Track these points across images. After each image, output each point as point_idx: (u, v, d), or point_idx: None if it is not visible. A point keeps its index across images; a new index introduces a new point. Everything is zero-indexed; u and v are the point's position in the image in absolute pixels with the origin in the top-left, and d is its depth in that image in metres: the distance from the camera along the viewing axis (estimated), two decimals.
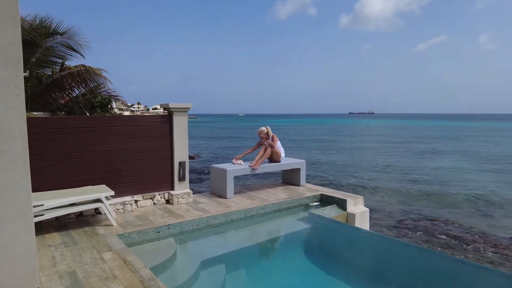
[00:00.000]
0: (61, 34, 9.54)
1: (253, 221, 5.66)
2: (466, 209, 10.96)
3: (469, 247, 7.77)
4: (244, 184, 10.32)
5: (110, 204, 4.83)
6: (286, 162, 7.12)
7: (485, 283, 3.76)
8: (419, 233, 8.63)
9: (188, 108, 6.04)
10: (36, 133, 4.83)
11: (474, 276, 3.86)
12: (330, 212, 6.21)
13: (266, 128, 7.09)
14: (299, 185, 7.37)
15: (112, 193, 4.79)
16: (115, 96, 10.93)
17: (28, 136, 4.91)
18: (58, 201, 4.37)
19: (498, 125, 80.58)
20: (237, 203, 6.01)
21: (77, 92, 10.15)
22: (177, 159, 6.02)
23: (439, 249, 7.55)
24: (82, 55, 10.14)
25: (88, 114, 10.63)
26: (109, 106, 10.96)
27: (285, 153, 7.21)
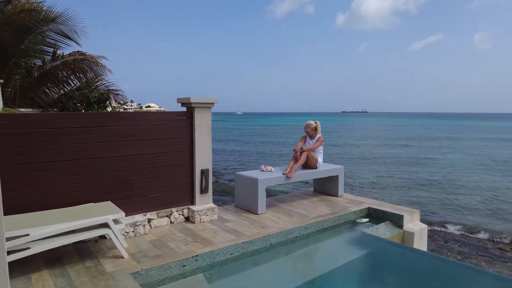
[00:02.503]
0: (54, 19, 8.30)
1: (296, 246, 4.52)
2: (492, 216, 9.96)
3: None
4: (270, 193, 9.18)
5: (119, 229, 3.65)
6: (323, 168, 5.99)
7: None
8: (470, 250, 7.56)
9: (213, 103, 4.88)
10: (21, 134, 3.64)
11: None
12: (385, 231, 5.10)
13: (316, 123, 5.95)
14: (337, 195, 6.26)
15: (122, 214, 3.62)
16: (115, 91, 9.69)
17: (9, 138, 3.72)
18: (50, 229, 3.19)
19: (502, 124, 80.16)
20: (273, 221, 4.87)
21: (71, 85, 8.90)
22: (198, 166, 4.86)
23: None
24: (77, 43, 8.92)
25: (83, 111, 9.40)
26: (108, 102, 9.71)
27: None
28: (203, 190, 4.89)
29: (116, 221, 3.62)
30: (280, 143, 32.90)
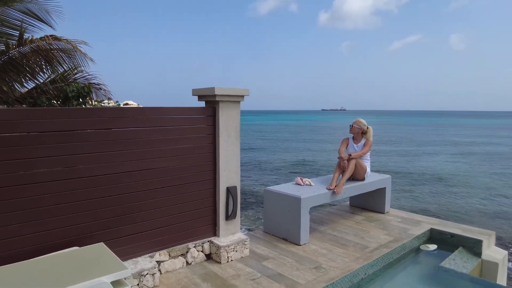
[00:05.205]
0: None
1: None
2: None
3: None
4: None
5: None
6: (370, 180, 4.76)
7: None
8: None
9: (243, 96, 3.56)
10: None
11: None
12: (463, 262, 3.94)
13: (368, 128, 4.69)
14: (383, 212, 5.06)
15: (127, 272, 2.26)
16: (97, 85, 8.15)
17: None
18: None
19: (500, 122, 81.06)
20: (325, 256, 3.59)
21: (44, 76, 7.31)
22: (223, 183, 3.54)
23: None
24: (51, 26, 7.36)
25: None
26: (88, 97, 8.16)
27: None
28: (230, 216, 3.57)
29: (118, 283, 2.26)
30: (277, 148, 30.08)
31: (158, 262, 3.14)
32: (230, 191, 3.56)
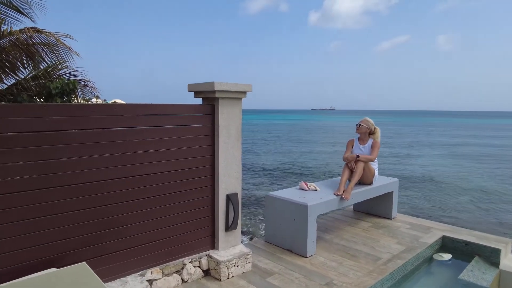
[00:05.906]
0: None
1: None
2: None
3: None
4: None
5: None
6: (378, 184, 4.45)
7: None
8: None
9: (245, 92, 3.20)
10: None
11: None
12: (481, 273, 3.65)
13: (375, 128, 4.38)
14: (390, 218, 4.76)
15: None
16: (83, 81, 7.68)
17: None
18: None
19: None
20: (335, 269, 3.26)
21: (25, 72, 6.83)
22: (223, 189, 3.17)
23: None
24: (31, 19, 6.87)
25: None
26: (73, 95, 7.69)
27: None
28: (230, 226, 3.21)
29: None
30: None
31: (150, 281, 2.76)
32: (231, 198, 3.20)
